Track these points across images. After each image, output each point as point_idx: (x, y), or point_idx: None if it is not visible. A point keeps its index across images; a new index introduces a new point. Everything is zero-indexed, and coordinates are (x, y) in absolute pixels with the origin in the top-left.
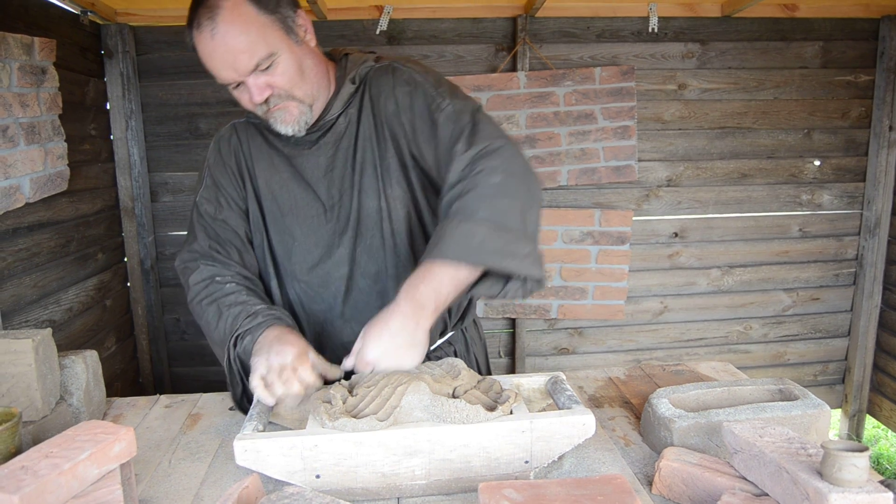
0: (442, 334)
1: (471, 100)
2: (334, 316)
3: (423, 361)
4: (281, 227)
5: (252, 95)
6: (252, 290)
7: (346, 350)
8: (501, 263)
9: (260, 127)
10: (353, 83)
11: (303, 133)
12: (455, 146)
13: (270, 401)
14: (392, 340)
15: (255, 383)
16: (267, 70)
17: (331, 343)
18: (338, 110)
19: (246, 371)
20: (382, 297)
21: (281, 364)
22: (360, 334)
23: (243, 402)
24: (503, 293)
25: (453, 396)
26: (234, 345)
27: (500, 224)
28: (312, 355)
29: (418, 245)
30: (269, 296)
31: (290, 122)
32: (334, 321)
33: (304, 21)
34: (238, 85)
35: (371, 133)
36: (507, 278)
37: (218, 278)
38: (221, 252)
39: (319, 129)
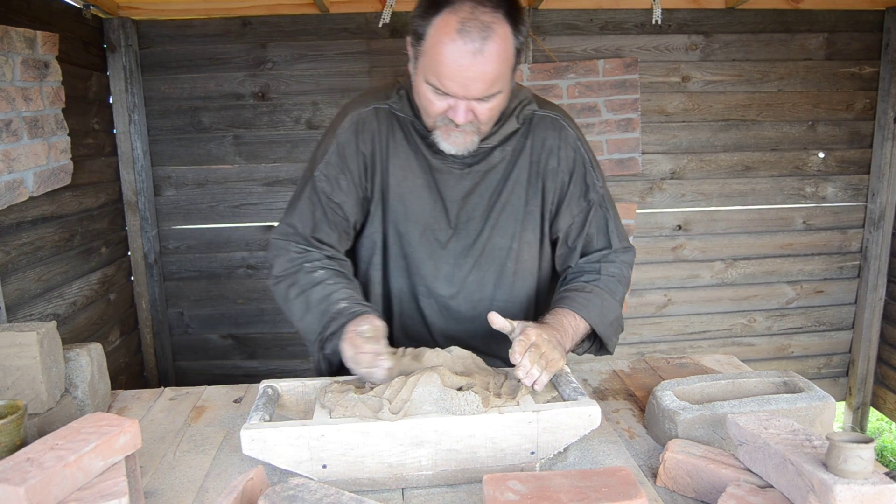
0: None
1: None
2: (426, 329)
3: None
4: (402, 228)
5: (458, 115)
6: (340, 273)
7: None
8: (611, 339)
9: (404, 121)
10: (518, 122)
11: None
12: (604, 231)
13: (385, 366)
14: (547, 339)
15: (367, 362)
16: (484, 100)
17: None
18: (495, 142)
19: (334, 371)
20: (475, 322)
21: (356, 334)
22: (518, 326)
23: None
24: (579, 350)
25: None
26: (322, 347)
27: (620, 310)
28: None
29: (532, 284)
30: (368, 286)
31: (461, 145)
32: (427, 334)
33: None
34: (443, 94)
35: (524, 178)
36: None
37: (307, 265)
38: (321, 235)
39: (474, 155)
